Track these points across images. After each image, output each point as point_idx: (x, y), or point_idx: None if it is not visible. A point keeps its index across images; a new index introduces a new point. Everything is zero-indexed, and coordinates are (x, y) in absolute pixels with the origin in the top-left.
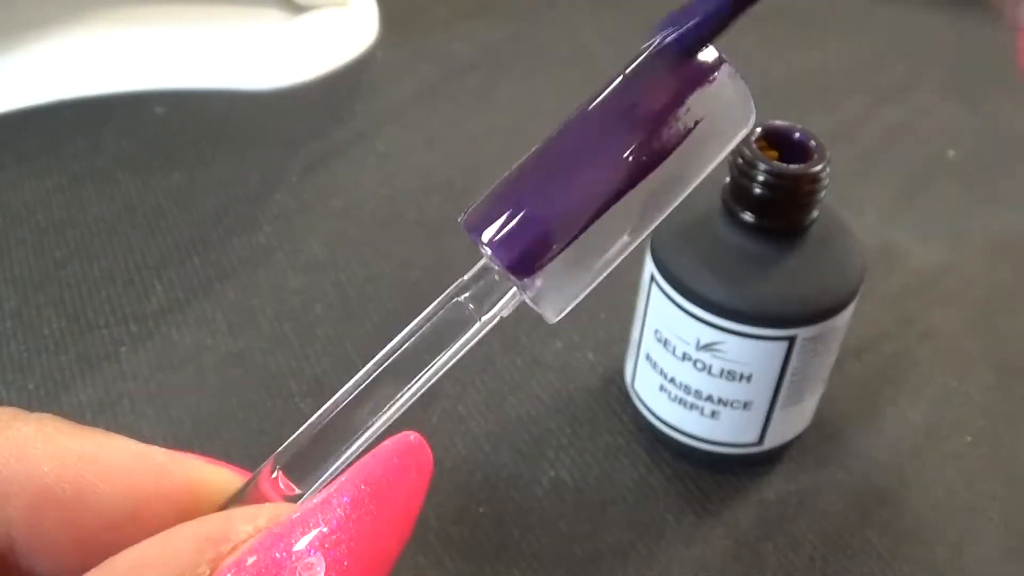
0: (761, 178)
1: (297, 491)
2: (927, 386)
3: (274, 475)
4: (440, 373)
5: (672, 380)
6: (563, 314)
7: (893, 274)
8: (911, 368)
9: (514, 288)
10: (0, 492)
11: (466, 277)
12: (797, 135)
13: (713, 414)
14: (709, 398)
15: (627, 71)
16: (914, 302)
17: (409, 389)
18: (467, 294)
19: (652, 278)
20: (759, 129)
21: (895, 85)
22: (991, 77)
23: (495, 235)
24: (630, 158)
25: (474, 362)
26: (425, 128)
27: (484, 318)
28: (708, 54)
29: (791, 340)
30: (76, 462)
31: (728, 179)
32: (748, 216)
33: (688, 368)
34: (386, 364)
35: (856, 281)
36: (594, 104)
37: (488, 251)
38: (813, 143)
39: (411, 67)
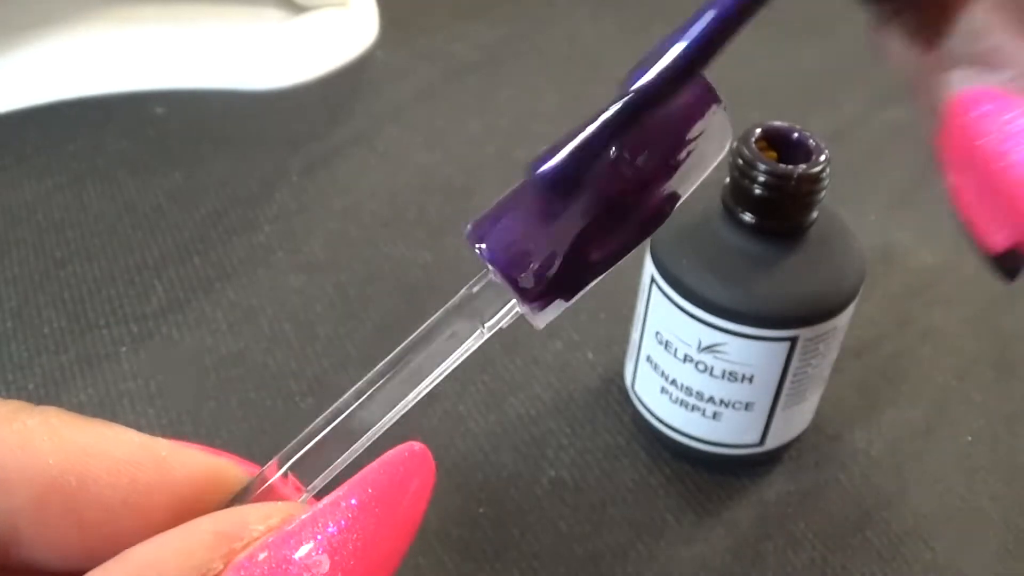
0: (761, 179)
1: (305, 490)
2: (927, 386)
3: (284, 474)
4: (443, 376)
5: (673, 382)
6: (550, 319)
7: (893, 274)
8: (911, 368)
9: (514, 301)
10: (7, 483)
11: (474, 290)
12: (797, 135)
13: (715, 415)
14: (711, 400)
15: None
16: (914, 302)
17: (414, 392)
18: (473, 303)
19: (652, 280)
20: (759, 129)
21: (895, 85)
22: None
23: (501, 253)
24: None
25: (474, 362)
26: (425, 128)
27: (488, 325)
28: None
29: (793, 340)
30: (80, 454)
31: (728, 180)
32: (748, 217)
33: (690, 370)
34: (395, 369)
35: (857, 281)
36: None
37: (498, 274)
38: (813, 143)
39: (411, 67)
